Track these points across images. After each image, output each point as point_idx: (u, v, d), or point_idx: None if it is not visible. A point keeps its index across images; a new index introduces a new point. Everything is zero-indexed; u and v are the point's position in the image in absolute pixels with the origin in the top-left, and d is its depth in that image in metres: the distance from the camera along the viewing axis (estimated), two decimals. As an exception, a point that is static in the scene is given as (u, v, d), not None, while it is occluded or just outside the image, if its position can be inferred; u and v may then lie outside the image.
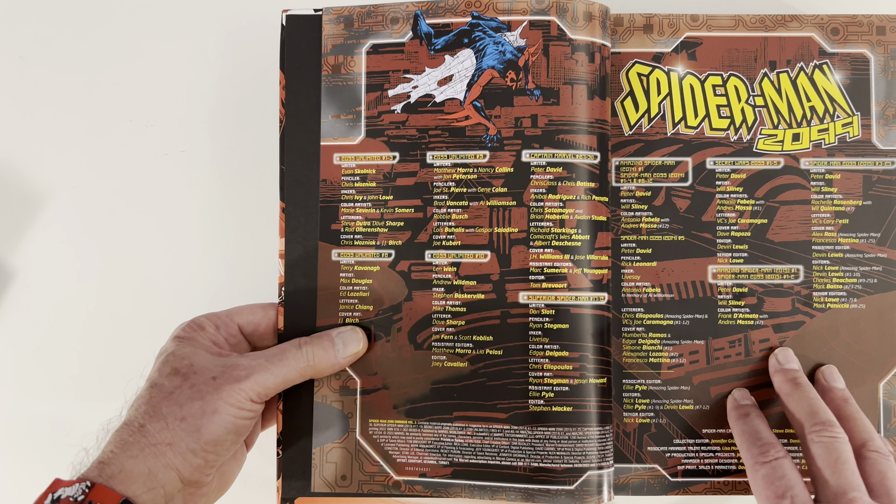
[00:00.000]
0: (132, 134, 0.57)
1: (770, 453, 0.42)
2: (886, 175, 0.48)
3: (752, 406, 0.46)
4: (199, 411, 0.41)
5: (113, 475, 0.38)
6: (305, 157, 0.49)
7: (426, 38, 0.48)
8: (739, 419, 0.45)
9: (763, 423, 0.45)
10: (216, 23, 0.58)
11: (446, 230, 0.47)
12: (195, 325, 0.45)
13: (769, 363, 0.47)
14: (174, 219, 0.57)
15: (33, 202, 0.57)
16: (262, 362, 0.43)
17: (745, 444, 0.44)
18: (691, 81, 0.49)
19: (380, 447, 0.47)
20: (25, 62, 0.58)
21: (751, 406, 0.46)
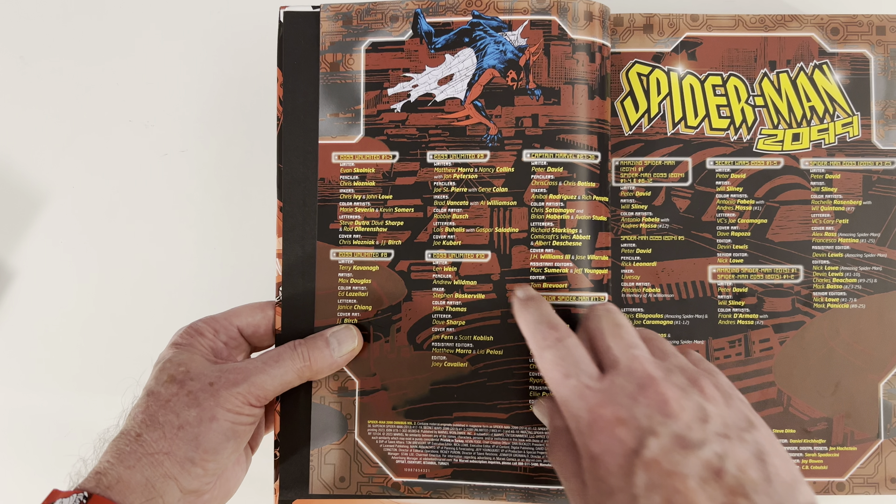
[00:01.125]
0: (132, 134, 0.57)
1: (554, 335, 0.40)
2: (886, 175, 0.48)
3: (537, 296, 0.44)
4: (196, 419, 0.41)
5: (110, 485, 0.38)
6: (303, 156, 0.48)
7: (426, 37, 0.48)
8: (523, 309, 0.43)
9: (548, 309, 0.42)
10: (214, 21, 0.58)
11: (446, 230, 0.47)
12: (193, 330, 0.45)
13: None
14: (173, 218, 0.57)
15: (33, 202, 0.57)
16: (258, 365, 0.43)
17: (531, 331, 0.41)
18: (691, 81, 0.49)
19: (379, 448, 0.47)
20: (25, 62, 0.58)
21: (535, 296, 0.44)
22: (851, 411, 0.48)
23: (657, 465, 0.34)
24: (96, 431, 0.43)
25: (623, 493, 0.35)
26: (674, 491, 0.34)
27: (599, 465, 0.36)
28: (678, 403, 0.36)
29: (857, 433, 0.48)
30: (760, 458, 0.35)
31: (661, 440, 0.35)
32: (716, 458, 0.34)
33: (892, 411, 0.48)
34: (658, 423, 0.36)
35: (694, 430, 0.35)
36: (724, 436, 0.35)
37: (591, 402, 0.37)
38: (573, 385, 0.38)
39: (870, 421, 0.48)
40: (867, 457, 0.48)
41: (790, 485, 0.35)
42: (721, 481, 0.34)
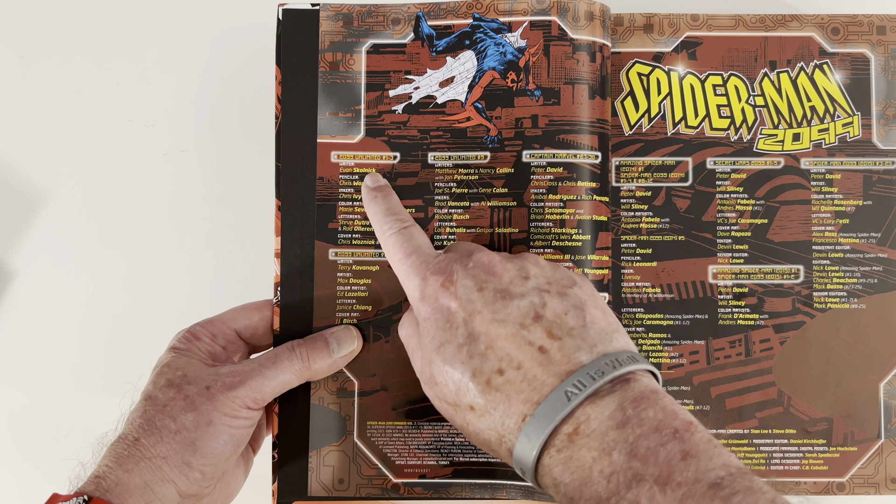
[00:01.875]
0: (132, 134, 0.57)
1: (398, 224, 0.44)
2: (887, 175, 0.48)
3: (385, 186, 0.47)
4: (192, 423, 0.41)
5: (109, 489, 0.38)
6: (302, 155, 0.48)
7: (428, 40, 0.48)
8: (372, 200, 0.46)
9: (395, 200, 0.46)
10: (213, 19, 0.58)
11: (447, 230, 0.47)
12: (190, 335, 0.45)
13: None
14: (172, 218, 0.57)
15: (33, 202, 0.57)
16: (255, 367, 0.43)
17: (378, 220, 0.45)
18: (691, 81, 0.49)
19: (378, 450, 0.47)
20: (25, 62, 0.57)
21: (384, 185, 0.47)
22: (852, 411, 0.48)
23: (480, 315, 0.38)
24: (95, 433, 0.43)
25: (450, 343, 0.38)
26: (495, 336, 0.37)
27: (430, 324, 0.39)
28: (502, 265, 0.40)
29: (857, 433, 0.48)
30: (579, 308, 0.38)
31: (484, 294, 0.38)
32: (533, 307, 0.38)
33: (893, 411, 0.48)
34: (482, 280, 0.39)
35: (515, 285, 0.39)
36: (544, 290, 0.39)
37: (424, 272, 0.41)
38: (411, 262, 0.42)
39: (870, 421, 0.48)
40: (867, 457, 0.48)
41: (607, 332, 0.38)
42: (538, 325, 0.37)
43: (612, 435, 0.33)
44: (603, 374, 0.34)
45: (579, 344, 0.36)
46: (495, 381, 0.36)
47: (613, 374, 0.35)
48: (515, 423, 0.35)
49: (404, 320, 0.44)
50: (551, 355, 0.36)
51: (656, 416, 0.33)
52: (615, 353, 0.36)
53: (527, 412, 0.35)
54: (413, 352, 0.42)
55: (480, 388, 0.36)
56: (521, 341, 0.37)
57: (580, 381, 0.34)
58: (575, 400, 0.34)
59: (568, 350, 0.36)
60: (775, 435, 0.48)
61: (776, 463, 0.48)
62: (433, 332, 0.39)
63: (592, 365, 0.35)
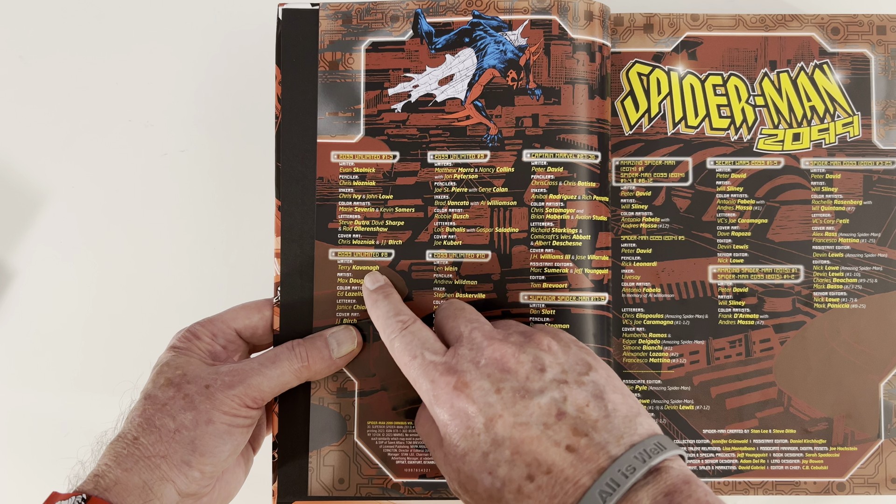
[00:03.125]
0: (131, 134, 0.57)
1: (400, 325, 0.42)
2: (887, 175, 0.48)
3: (385, 286, 0.46)
4: (192, 422, 0.41)
5: (108, 487, 0.38)
6: (301, 155, 0.48)
7: (427, 37, 0.48)
8: (374, 305, 0.44)
9: (396, 299, 0.44)
10: (213, 19, 0.58)
11: (447, 230, 0.47)
12: (190, 334, 0.45)
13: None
14: (172, 217, 0.57)
15: (33, 202, 0.57)
16: (254, 366, 0.43)
17: (381, 325, 0.43)
18: (691, 81, 0.49)
19: (378, 449, 0.47)
20: (25, 62, 0.57)
21: (384, 286, 0.45)
22: (852, 411, 0.48)
23: (501, 419, 0.37)
24: (95, 432, 0.43)
25: (474, 452, 0.37)
26: (519, 441, 0.36)
27: (450, 432, 0.38)
28: (516, 359, 0.38)
29: (857, 433, 0.48)
30: (599, 397, 0.37)
31: (502, 396, 0.37)
32: (555, 403, 0.37)
33: (893, 411, 0.48)
34: (498, 380, 0.38)
35: (532, 381, 0.38)
36: (562, 381, 0.38)
37: (433, 374, 0.39)
38: (418, 364, 0.40)
39: (870, 421, 0.48)
40: (867, 457, 0.48)
41: (630, 418, 0.37)
42: (562, 423, 0.36)
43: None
44: (634, 471, 0.34)
45: (606, 438, 0.35)
46: (526, 488, 0.35)
47: (644, 468, 0.34)
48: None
49: (420, 417, 0.43)
50: (580, 453, 0.35)
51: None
52: (643, 443, 0.35)
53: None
54: (434, 450, 0.41)
55: (513, 496, 0.36)
56: (548, 443, 0.36)
57: (613, 480, 0.34)
58: (610, 501, 0.33)
59: (595, 446, 0.35)
60: (775, 435, 0.48)
61: (776, 463, 0.48)
62: (455, 439, 0.38)
63: (623, 460, 0.34)
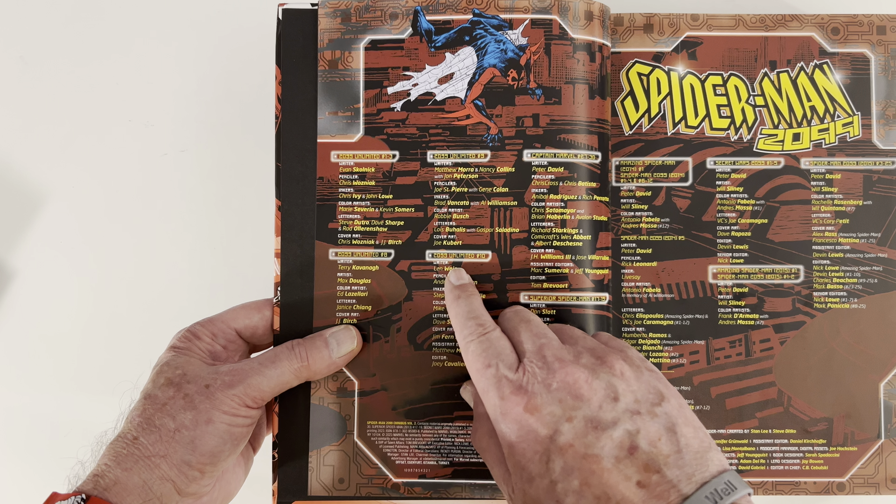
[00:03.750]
0: (131, 134, 0.57)
1: (479, 330, 0.42)
2: (887, 175, 0.48)
3: (469, 285, 0.45)
4: (192, 422, 0.41)
5: (108, 487, 0.38)
6: (301, 154, 0.48)
7: (426, 35, 0.48)
8: (454, 301, 0.44)
9: (478, 302, 0.44)
10: (213, 19, 0.58)
11: (447, 230, 0.47)
12: (191, 334, 0.45)
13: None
14: (172, 218, 0.57)
15: (33, 202, 0.57)
16: (254, 366, 0.43)
17: (459, 324, 0.43)
18: (691, 81, 0.49)
19: (378, 449, 0.47)
20: (25, 62, 0.57)
21: (467, 285, 0.45)
22: (852, 411, 0.48)
23: (572, 449, 0.36)
24: (95, 432, 0.43)
25: (542, 478, 0.36)
26: (589, 473, 0.35)
27: (517, 453, 0.38)
28: (588, 385, 0.38)
29: (857, 433, 0.48)
30: (671, 430, 0.36)
31: (574, 424, 0.37)
32: (628, 436, 0.36)
33: (893, 411, 0.48)
34: (570, 407, 0.37)
35: (605, 411, 0.37)
36: (635, 412, 0.37)
37: (505, 391, 0.38)
38: (491, 374, 0.39)
39: (870, 421, 0.48)
40: (867, 457, 0.48)
41: (701, 453, 0.36)
42: (634, 458, 0.35)
43: None
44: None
45: (678, 475, 0.35)
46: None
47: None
48: None
49: (479, 429, 0.42)
50: (650, 490, 0.35)
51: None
52: (713, 482, 0.35)
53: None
54: (493, 466, 0.41)
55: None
56: (619, 477, 0.35)
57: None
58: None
59: (667, 483, 0.35)
60: (775, 435, 0.48)
61: (776, 463, 0.48)
62: (522, 462, 0.37)
63: (694, 499, 0.34)
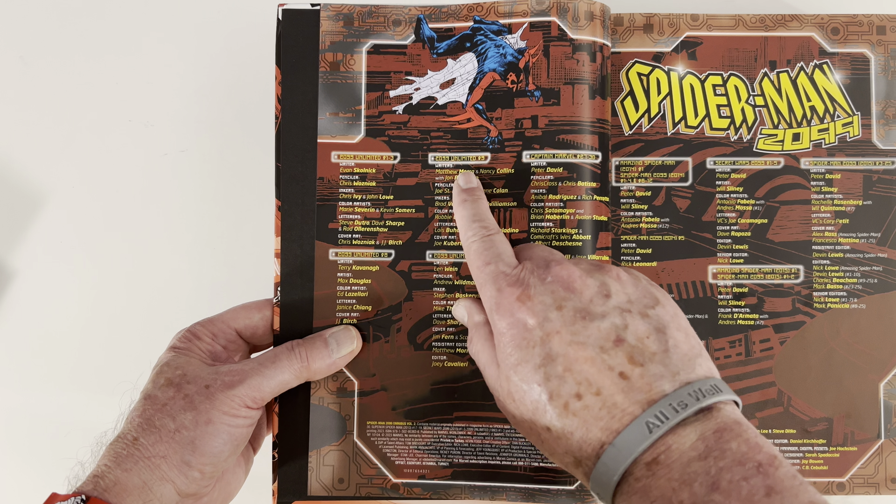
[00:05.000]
0: (131, 134, 0.57)
1: (482, 232, 0.43)
2: (887, 175, 0.48)
3: (477, 189, 0.46)
4: (192, 422, 0.41)
5: (107, 488, 0.38)
6: (302, 155, 0.48)
7: (429, 42, 0.48)
8: (461, 204, 0.45)
9: (484, 206, 0.45)
10: (213, 19, 0.58)
11: (448, 230, 0.47)
12: (191, 334, 0.45)
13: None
14: (172, 218, 0.57)
15: (33, 202, 0.57)
16: (254, 367, 0.43)
17: (464, 226, 0.44)
18: (691, 81, 0.49)
19: (378, 449, 0.47)
20: (25, 62, 0.57)
21: (475, 188, 0.46)
22: (852, 411, 0.48)
23: (558, 335, 0.37)
24: (95, 433, 0.43)
25: (527, 363, 0.37)
26: (573, 359, 0.36)
27: (506, 339, 0.38)
28: (582, 281, 0.39)
29: (857, 433, 0.48)
30: (660, 331, 0.37)
31: (563, 313, 0.38)
32: (614, 329, 0.37)
33: (893, 411, 0.48)
34: (561, 297, 0.38)
35: (596, 304, 0.38)
36: (625, 310, 0.38)
37: (501, 283, 0.40)
38: (490, 270, 0.41)
39: (870, 421, 0.48)
40: (867, 457, 0.48)
41: (689, 357, 0.37)
42: (618, 349, 0.36)
43: (693, 466, 0.33)
44: (686, 407, 0.34)
45: (661, 371, 0.36)
46: (573, 405, 0.36)
47: (696, 406, 0.34)
48: (593, 449, 0.35)
49: (473, 336, 0.43)
50: (632, 382, 0.35)
51: (739, 449, 0.33)
52: (698, 382, 0.35)
53: (605, 440, 0.35)
54: (485, 367, 0.42)
55: (558, 411, 0.36)
56: (602, 366, 0.36)
57: (662, 412, 0.34)
58: (657, 432, 0.33)
59: (649, 377, 0.35)
60: (775, 435, 0.48)
61: (776, 463, 0.48)
62: (509, 349, 0.38)
63: (675, 395, 0.34)
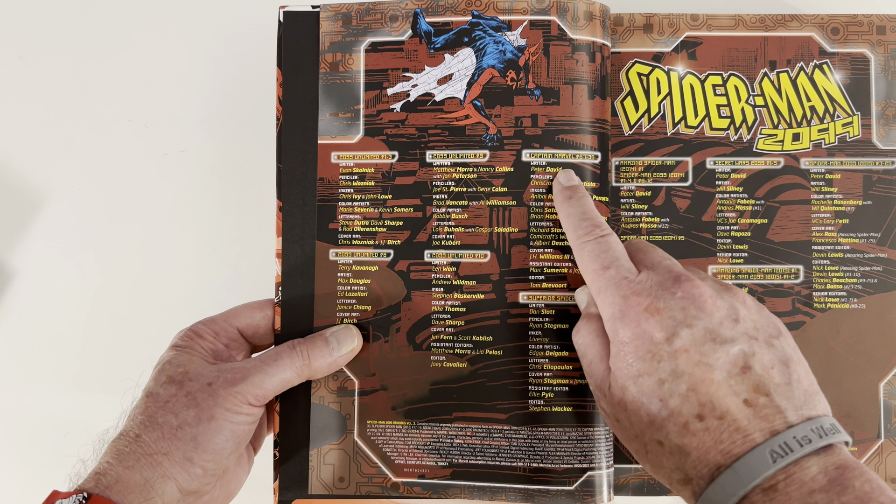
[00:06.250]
0: (131, 134, 0.57)
1: (596, 231, 0.42)
2: (886, 175, 0.48)
3: (580, 186, 0.45)
4: (194, 419, 0.41)
5: (109, 486, 0.38)
6: (302, 155, 0.48)
7: (426, 37, 0.48)
8: (566, 201, 0.44)
9: (590, 204, 0.44)
10: (214, 21, 0.58)
11: (446, 230, 0.47)
12: (193, 333, 0.45)
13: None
14: (173, 218, 0.57)
15: (33, 202, 0.57)
16: (256, 364, 0.43)
17: (573, 224, 0.43)
18: (691, 81, 0.49)
19: (378, 449, 0.47)
20: (25, 62, 0.58)
21: (578, 186, 0.45)
22: (852, 411, 0.47)
23: (686, 354, 0.36)
24: (96, 432, 0.43)
25: (650, 376, 0.37)
26: (699, 380, 0.36)
27: (630, 350, 0.38)
28: (713, 301, 0.38)
29: (857, 433, 0.48)
30: (785, 363, 0.37)
31: (693, 332, 0.37)
32: (742, 356, 0.36)
33: (893, 411, 0.47)
34: (692, 316, 0.37)
35: (725, 328, 0.37)
36: (753, 337, 0.37)
37: (626, 291, 0.39)
38: (611, 275, 0.40)
39: (870, 421, 0.47)
40: (867, 457, 0.47)
41: (810, 393, 0.37)
42: (745, 376, 0.36)
43: (815, 497, 0.32)
44: (809, 442, 0.34)
45: (785, 404, 0.35)
46: (693, 425, 0.36)
47: (820, 443, 0.34)
48: (709, 470, 0.35)
49: (582, 328, 0.43)
50: (756, 411, 0.35)
51: (863, 488, 0.32)
52: (819, 419, 0.35)
53: (723, 463, 0.35)
54: (592, 362, 0.41)
55: (676, 429, 0.36)
56: (728, 391, 0.36)
57: (786, 443, 0.34)
58: (780, 462, 0.33)
59: (773, 408, 0.35)
60: None
61: (776, 463, 0.48)
62: (631, 359, 0.38)
63: (799, 429, 0.34)
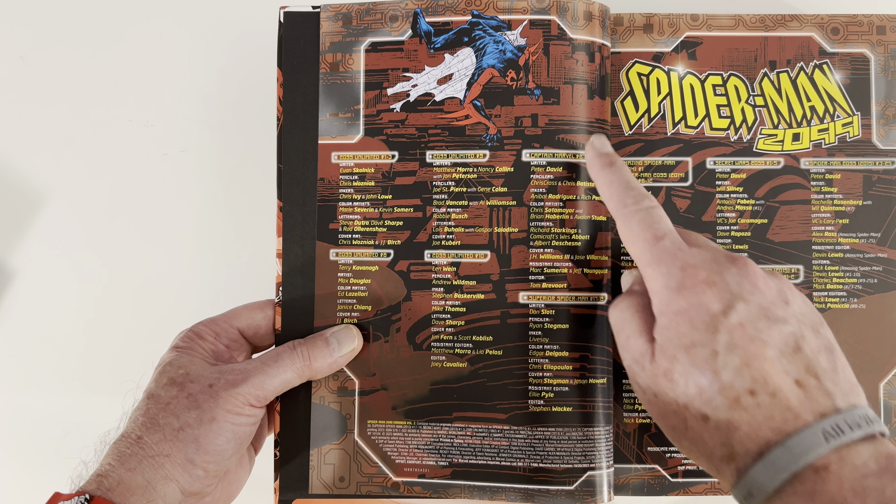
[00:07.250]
0: (132, 134, 0.57)
1: (645, 202, 0.41)
2: (887, 175, 0.48)
3: (615, 154, 0.44)
4: (195, 421, 0.41)
5: (111, 487, 0.38)
6: (303, 156, 0.48)
7: (426, 37, 0.48)
8: (605, 168, 0.43)
9: (630, 172, 0.43)
10: (214, 21, 0.58)
11: (446, 230, 0.47)
12: (193, 334, 0.45)
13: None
14: (173, 218, 0.57)
15: (33, 202, 0.57)
16: (257, 365, 0.43)
17: (617, 192, 0.42)
18: (691, 81, 0.49)
19: (378, 448, 0.47)
20: (25, 62, 0.58)
21: (614, 153, 0.44)
22: (852, 411, 0.47)
23: (742, 328, 0.36)
24: (97, 433, 0.43)
25: (704, 347, 0.37)
26: (753, 355, 0.36)
27: (684, 320, 0.38)
28: (764, 281, 0.38)
29: (857, 433, 0.48)
30: (830, 351, 0.38)
31: (749, 307, 0.37)
32: (794, 337, 0.37)
33: (893, 411, 0.47)
34: (747, 291, 0.38)
35: (777, 307, 0.38)
36: (801, 321, 0.38)
37: (683, 261, 0.39)
38: (666, 246, 0.39)
39: None
40: (867, 457, 0.47)
41: (853, 383, 0.37)
42: (797, 357, 0.36)
43: (869, 482, 0.32)
44: (859, 427, 0.34)
45: (833, 389, 0.36)
46: (745, 400, 0.35)
47: (868, 430, 0.34)
48: (758, 447, 0.35)
49: (621, 302, 0.42)
50: (807, 392, 0.35)
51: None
52: (863, 408, 0.35)
53: (774, 439, 0.35)
54: (630, 337, 0.40)
55: (727, 403, 0.36)
56: (780, 369, 0.36)
57: (838, 425, 0.34)
58: (833, 442, 0.33)
59: (823, 391, 0.35)
60: None
61: (776, 463, 0.48)
62: (685, 328, 0.37)
63: (848, 414, 0.35)
